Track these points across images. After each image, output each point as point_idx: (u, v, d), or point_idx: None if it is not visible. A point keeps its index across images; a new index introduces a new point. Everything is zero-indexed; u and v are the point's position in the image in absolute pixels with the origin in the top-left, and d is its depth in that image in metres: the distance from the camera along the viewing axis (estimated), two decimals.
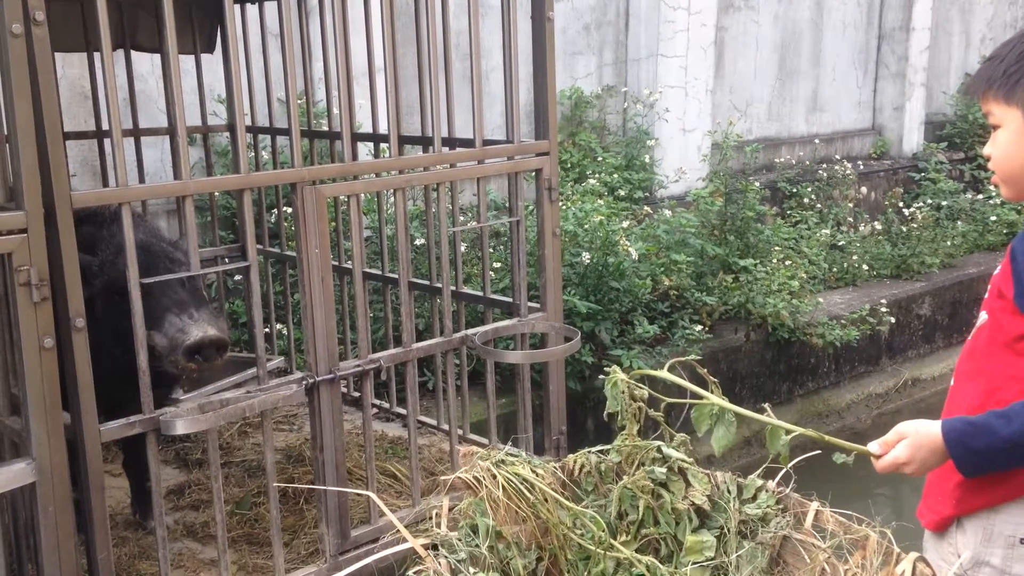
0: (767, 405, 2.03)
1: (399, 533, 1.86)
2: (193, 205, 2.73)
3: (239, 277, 4.96)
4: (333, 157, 4.28)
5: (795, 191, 8.35)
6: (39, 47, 2.30)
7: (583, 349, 5.07)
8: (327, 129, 4.54)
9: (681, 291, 6.00)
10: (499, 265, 5.33)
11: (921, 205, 8.47)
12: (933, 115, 10.47)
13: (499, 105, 3.77)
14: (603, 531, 1.98)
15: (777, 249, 6.68)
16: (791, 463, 1.98)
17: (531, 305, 3.60)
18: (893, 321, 6.88)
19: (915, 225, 8.08)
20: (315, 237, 2.91)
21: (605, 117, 7.73)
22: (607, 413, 2.05)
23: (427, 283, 3.92)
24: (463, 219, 5.53)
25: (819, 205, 8.30)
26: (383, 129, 3.88)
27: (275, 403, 2.88)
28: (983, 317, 2.16)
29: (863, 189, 8.93)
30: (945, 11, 10.45)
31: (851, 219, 8.52)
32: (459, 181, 3.79)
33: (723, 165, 7.35)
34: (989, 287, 2.18)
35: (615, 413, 2.06)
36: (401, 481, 3.78)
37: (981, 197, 8.96)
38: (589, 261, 5.31)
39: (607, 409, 2.07)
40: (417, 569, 1.83)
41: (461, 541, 1.91)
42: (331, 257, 3.34)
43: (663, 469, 2.03)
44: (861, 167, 9.09)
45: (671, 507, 2.01)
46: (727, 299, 6.14)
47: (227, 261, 4.49)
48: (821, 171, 8.67)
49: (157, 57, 4.52)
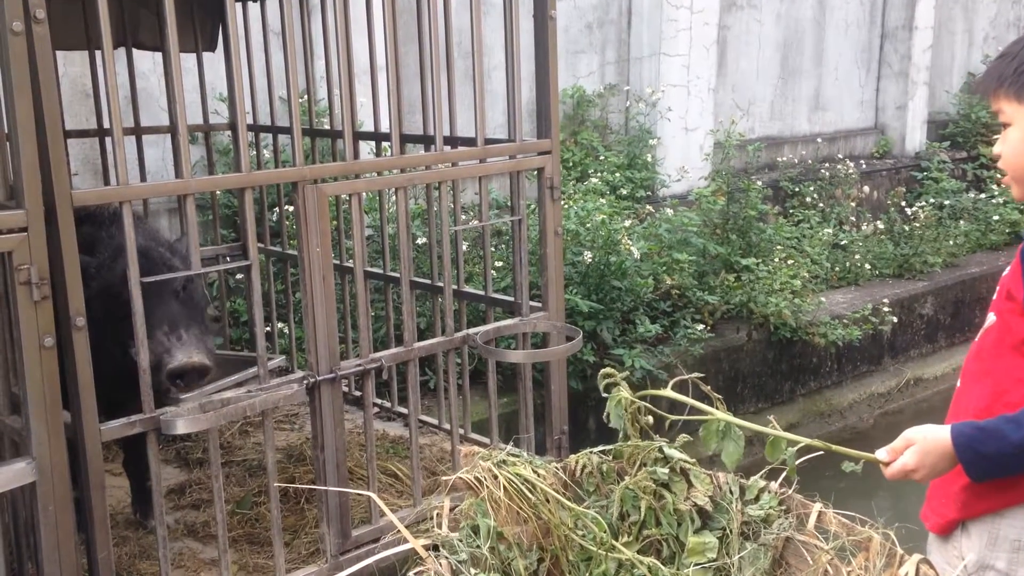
0: (772, 417, 2.02)
1: (400, 533, 1.86)
2: (194, 204, 2.72)
3: (241, 276, 4.96)
4: (335, 156, 4.28)
5: (797, 190, 8.34)
6: (40, 45, 2.30)
7: (585, 348, 5.06)
8: (329, 128, 4.53)
9: (683, 290, 6.00)
10: (501, 264, 5.32)
11: (924, 204, 8.46)
12: (936, 114, 10.45)
13: (501, 104, 3.76)
14: (605, 532, 1.97)
15: (779, 248, 6.67)
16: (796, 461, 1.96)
17: (533, 304, 3.59)
18: (895, 321, 6.87)
19: (917, 224, 8.06)
20: (316, 236, 2.91)
21: (607, 116, 7.72)
22: (607, 415, 2.05)
23: (429, 282, 3.92)
24: (465, 218, 5.52)
25: (821, 204, 8.29)
26: (385, 128, 3.88)
27: (276, 402, 2.88)
28: (991, 318, 2.14)
29: (865, 188, 8.91)
30: (948, 10, 10.43)
31: (853, 218, 8.51)
32: (461, 180, 3.79)
33: (725, 164, 7.34)
34: (997, 288, 2.15)
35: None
36: (402, 481, 3.77)
37: (984, 196, 8.95)
38: (591, 260, 5.30)
39: (611, 423, 2.06)
40: (418, 570, 1.82)
41: (462, 542, 1.90)
42: (332, 256, 3.34)
43: (665, 470, 2.02)
44: (863, 166, 9.07)
45: (673, 508, 2.00)
46: (729, 298, 6.13)
47: (228, 260, 4.50)
48: (823, 170, 8.66)
49: (159, 55, 4.51)
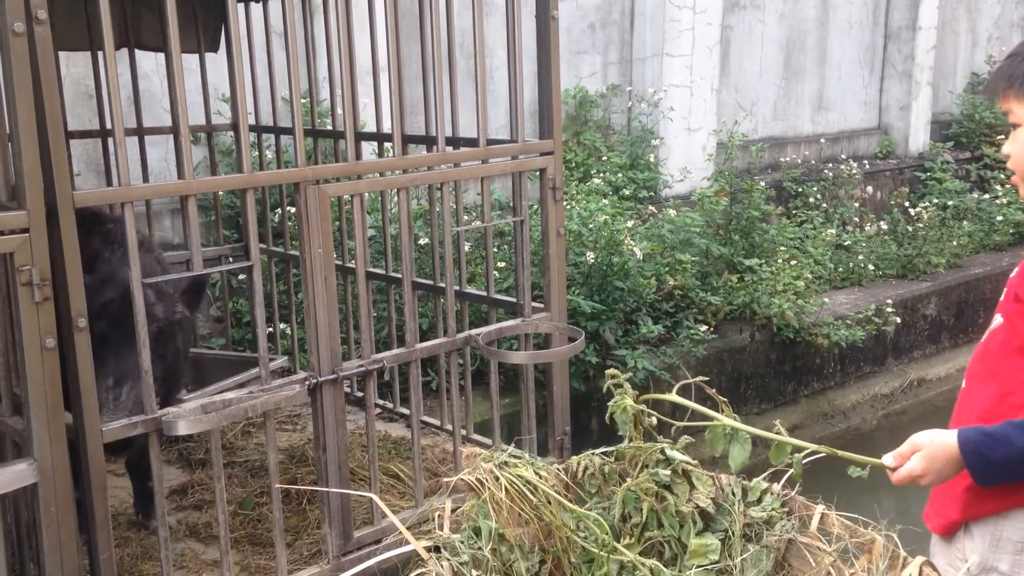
0: (778, 422, 2.01)
1: (402, 534, 1.85)
2: (196, 204, 2.72)
3: (243, 276, 4.96)
4: (337, 156, 4.27)
5: (800, 190, 8.33)
6: (41, 46, 2.30)
7: (587, 349, 5.06)
8: (331, 128, 4.53)
9: (686, 291, 5.99)
10: (503, 265, 5.32)
11: (927, 205, 8.45)
12: (939, 114, 10.43)
13: (503, 104, 3.76)
14: (606, 534, 1.96)
15: (782, 249, 6.65)
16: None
17: (535, 305, 3.59)
18: (899, 321, 6.86)
19: (921, 225, 8.05)
20: (318, 237, 2.90)
21: (610, 116, 7.71)
22: (609, 416, 2.04)
23: (431, 283, 3.91)
24: (467, 218, 5.52)
25: (824, 205, 8.27)
26: (387, 128, 3.87)
27: (278, 403, 2.87)
28: (998, 320, 2.12)
29: (869, 189, 8.90)
30: (952, 10, 10.42)
31: (857, 219, 8.49)
32: (463, 180, 3.78)
33: (728, 164, 7.33)
34: (1005, 290, 2.14)
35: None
36: (404, 482, 3.77)
37: (987, 197, 8.93)
38: (593, 261, 5.30)
39: (619, 431, 2.05)
40: (420, 571, 1.82)
41: (464, 543, 1.90)
42: (335, 256, 3.33)
43: (667, 471, 2.02)
44: (867, 166, 9.06)
45: (675, 510, 2.00)
46: (732, 299, 6.13)
47: (231, 260, 4.50)
48: (827, 170, 8.65)
49: (161, 56, 4.51)
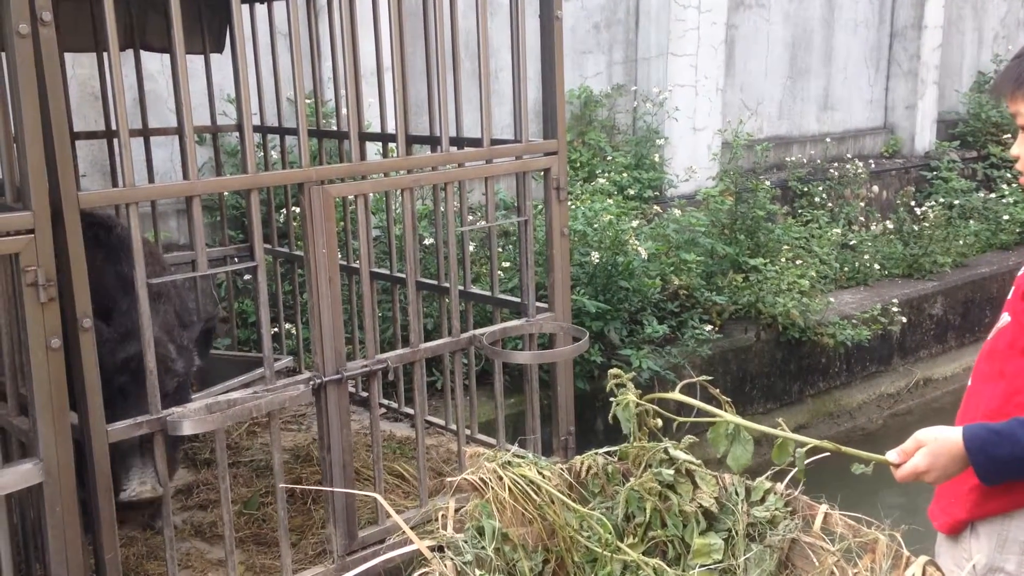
0: (781, 420, 2.01)
1: (406, 534, 1.86)
2: (200, 205, 2.73)
3: (248, 277, 4.97)
4: (342, 157, 4.28)
5: (806, 190, 8.32)
6: (46, 47, 2.30)
7: (592, 349, 5.06)
8: (336, 129, 4.53)
9: (691, 291, 5.99)
10: (508, 265, 5.32)
11: (933, 204, 8.43)
12: (945, 113, 10.41)
13: (508, 104, 3.77)
14: (610, 533, 1.97)
15: (787, 248, 6.65)
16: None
17: (539, 305, 3.59)
18: (905, 321, 6.84)
19: (927, 224, 8.03)
20: (322, 237, 2.91)
21: (615, 116, 7.71)
22: (612, 415, 2.05)
23: (435, 283, 3.91)
24: (472, 218, 5.52)
25: (830, 204, 8.26)
26: (391, 128, 3.88)
27: (282, 403, 2.88)
28: (1005, 319, 2.12)
29: (875, 188, 8.89)
30: (958, 9, 10.39)
31: (862, 218, 8.48)
32: (467, 180, 3.78)
33: (733, 164, 7.32)
34: (1012, 288, 2.14)
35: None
36: (409, 481, 3.77)
37: (994, 196, 8.91)
38: (598, 260, 5.30)
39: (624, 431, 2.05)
40: (423, 571, 1.82)
41: (467, 543, 1.90)
42: (339, 257, 3.34)
43: (670, 471, 2.02)
44: (873, 166, 9.04)
45: (678, 509, 2.00)
46: (737, 299, 6.12)
47: (236, 261, 4.50)
48: (832, 170, 8.64)
49: (167, 57, 4.52)
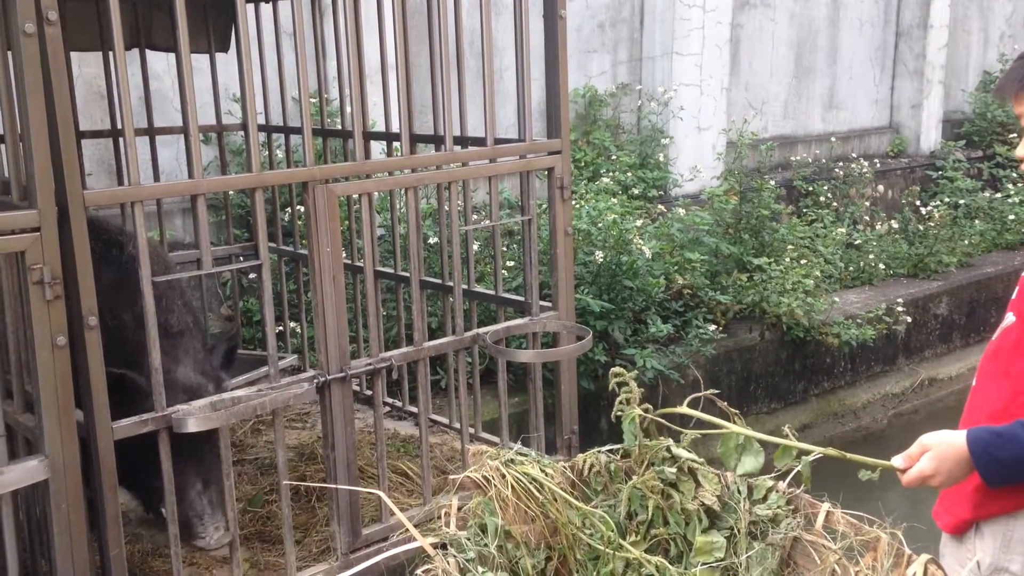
0: (787, 427, 2.01)
1: (409, 532, 1.86)
2: (206, 204, 2.74)
3: (254, 275, 4.98)
4: (346, 156, 4.28)
5: (811, 189, 8.31)
6: (52, 46, 2.31)
7: (596, 348, 5.06)
8: (340, 128, 4.54)
9: (695, 290, 5.99)
10: (512, 264, 5.33)
11: (938, 203, 8.41)
12: (951, 113, 10.39)
13: (513, 104, 3.77)
14: (612, 531, 1.97)
15: (791, 248, 6.64)
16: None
17: (543, 304, 3.59)
18: (910, 320, 6.84)
19: (932, 224, 8.02)
20: (327, 236, 2.92)
21: (619, 115, 7.71)
22: (615, 414, 2.05)
23: (439, 282, 3.92)
24: (476, 218, 5.53)
25: (835, 204, 8.25)
26: (396, 128, 3.89)
27: (286, 401, 2.89)
28: (1010, 318, 2.12)
29: (880, 187, 8.87)
30: (964, 8, 10.37)
31: (867, 218, 8.47)
32: (472, 180, 3.79)
33: (738, 163, 7.32)
34: (1017, 288, 2.13)
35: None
36: (412, 479, 3.78)
37: (999, 196, 8.89)
38: (602, 260, 5.30)
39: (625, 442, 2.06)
40: (426, 568, 1.82)
41: (470, 540, 1.91)
42: (344, 256, 3.34)
43: (673, 469, 2.02)
44: (878, 165, 9.03)
45: (681, 507, 2.00)
46: (741, 298, 6.12)
47: (241, 259, 4.51)
48: (837, 169, 8.62)
49: (173, 56, 4.53)
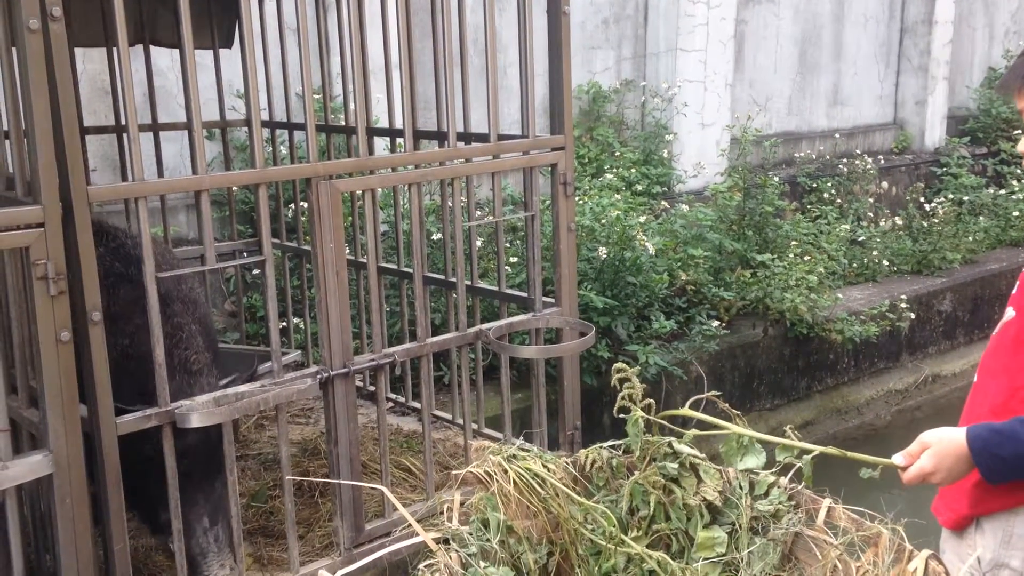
0: (789, 427, 2.02)
1: (412, 527, 1.87)
2: (209, 200, 2.74)
3: (257, 271, 4.99)
4: (350, 152, 4.29)
5: (815, 186, 8.30)
6: (56, 42, 2.32)
7: (599, 344, 5.06)
8: (344, 124, 4.54)
9: (698, 286, 5.99)
10: (515, 260, 5.33)
11: (943, 200, 8.40)
12: (956, 109, 10.37)
13: (516, 100, 3.78)
14: (614, 526, 1.98)
15: (795, 244, 6.64)
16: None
17: (546, 300, 3.60)
18: (913, 317, 6.83)
19: (936, 220, 8.01)
20: (330, 232, 2.92)
21: (623, 112, 7.70)
22: (617, 409, 2.05)
23: (443, 278, 3.92)
24: (479, 214, 5.53)
25: (839, 200, 8.24)
26: (399, 124, 3.89)
27: (289, 397, 2.89)
28: (1010, 313, 2.12)
29: (884, 184, 8.86)
30: (968, 4, 10.35)
31: (871, 214, 8.46)
32: (475, 176, 3.79)
33: (742, 160, 7.31)
34: (1018, 283, 2.14)
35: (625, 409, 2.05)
36: (415, 475, 3.79)
37: (1004, 192, 8.87)
38: (606, 256, 5.30)
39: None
40: (428, 563, 1.83)
41: (472, 535, 1.91)
42: (347, 251, 3.35)
43: (674, 465, 2.02)
44: (882, 162, 9.02)
45: (682, 503, 2.01)
46: (745, 294, 6.12)
47: (245, 255, 4.52)
48: (841, 166, 8.61)
49: (177, 52, 4.53)
